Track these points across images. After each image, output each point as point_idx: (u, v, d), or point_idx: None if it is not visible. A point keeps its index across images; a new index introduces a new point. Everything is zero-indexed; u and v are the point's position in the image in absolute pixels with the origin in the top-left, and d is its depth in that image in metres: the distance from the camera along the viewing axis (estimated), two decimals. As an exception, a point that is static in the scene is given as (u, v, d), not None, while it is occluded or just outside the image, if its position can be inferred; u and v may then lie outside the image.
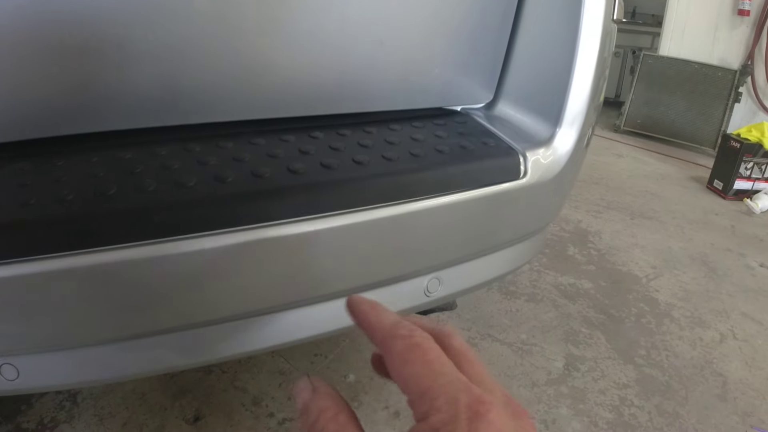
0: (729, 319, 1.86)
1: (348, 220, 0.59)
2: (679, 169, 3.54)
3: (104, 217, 0.54)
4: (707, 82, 3.93)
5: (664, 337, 1.73)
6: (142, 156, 0.62)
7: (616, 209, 2.74)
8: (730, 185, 2.99)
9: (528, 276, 2.02)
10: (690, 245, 2.40)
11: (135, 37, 0.61)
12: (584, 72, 0.77)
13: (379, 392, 1.39)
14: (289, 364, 1.46)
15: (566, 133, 0.78)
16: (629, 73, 4.43)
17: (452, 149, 0.70)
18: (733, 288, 2.07)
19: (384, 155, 0.66)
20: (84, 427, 1.22)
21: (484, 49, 0.82)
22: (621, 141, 4.09)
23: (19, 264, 0.52)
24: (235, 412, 1.29)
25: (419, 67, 0.78)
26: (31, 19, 0.56)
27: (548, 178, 0.77)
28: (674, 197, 2.98)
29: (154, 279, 0.56)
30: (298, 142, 0.67)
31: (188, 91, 0.66)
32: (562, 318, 1.78)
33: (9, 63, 0.57)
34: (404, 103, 0.81)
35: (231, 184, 0.57)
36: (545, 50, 0.81)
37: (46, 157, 0.62)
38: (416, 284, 0.74)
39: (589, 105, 0.80)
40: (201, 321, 0.62)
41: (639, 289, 2.00)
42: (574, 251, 2.25)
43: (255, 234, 0.56)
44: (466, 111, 0.88)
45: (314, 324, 0.71)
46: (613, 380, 1.52)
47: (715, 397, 1.48)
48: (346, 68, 0.73)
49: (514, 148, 0.74)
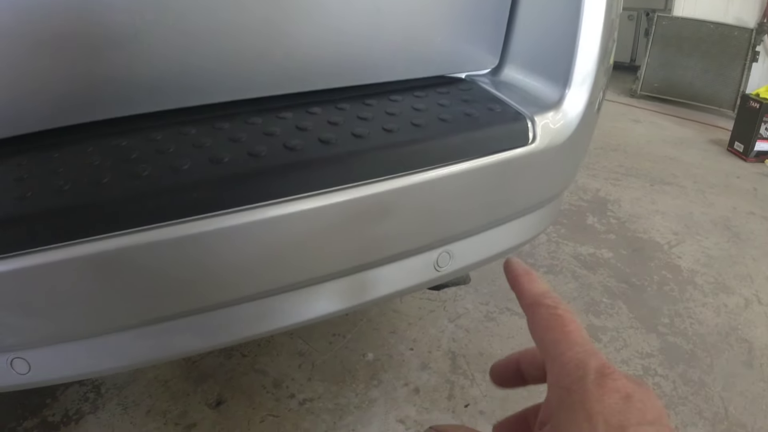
0: (753, 283, 1.82)
1: (348, 195, 0.57)
2: (698, 132, 3.46)
3: (101, 205, 0.53)
4: (723, 42, 3.82)
5: (687, 304, 1.70)
6: (137, 142, 0.61)
7: (635, 176, 2.68)
8: (750, 147, 2.91)
9: (546, 247, 1.99)
10: (712, 210, 2.34)
11: (124, 21, 0.59)
12: (591, 30, 0.73)
13: (399, 370, 1.38)
14: (308, 345, 1.46)
15: (576, 94, 0.75)
16: (644, 35, 4.30)
17: (456, 117, 0.67)
18: (757, 252, 2.01)
19: (384, 127, 0.64)
20: (109, 416, 1.24)
21: (486, 11, 0.79)
22: (638, 106, 4.00)
23: (19, 257, 0.51)
24: (257, 395, 1.30)
25: (418, 33, 0.75)
26: (17, 11, 0.55)
27: (559, 143, 0.74)
28: (694, 161, 2.91)
29: (157, 264, 0.55)
30: (295, 119, 0.65)
31: (181, 72, 0.64)
32: (582, 289, 1.75)
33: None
34: (405, 72, 0.78)
35: (227, 165, 0.56)
36: (550, 9, 0.77)
37: (42, 150, 0.61)
38: (425, 259, 0.72)
39: (599, 65, 0.76)
40: (209, 305, 0.61)
41: (661, 257, 1.96)
42: (593, 220, 2.21)
43: (254, 214, 0.55)
44: (471, 78, 0.85)
45: (326, 303, 0.70)
46: (636, 350, 1.49)
47: (741, 364, 1.45)
48: (342, 39, 0.70)
49: (521, 112, 0.71)
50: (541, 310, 0.35)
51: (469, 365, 1.41)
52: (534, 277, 0.38)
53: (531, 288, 0.37)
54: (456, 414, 1.26)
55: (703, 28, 3.88)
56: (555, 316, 0.34)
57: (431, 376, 1.37)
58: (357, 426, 1.23)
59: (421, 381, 1.35)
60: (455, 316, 1.60)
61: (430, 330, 1.53)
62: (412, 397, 1.31)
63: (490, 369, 0.42)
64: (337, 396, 1.30)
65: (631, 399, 0.28)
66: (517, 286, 0.38)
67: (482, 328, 1.55)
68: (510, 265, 0.40)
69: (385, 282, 0.71)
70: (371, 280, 0.70)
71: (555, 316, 0.34)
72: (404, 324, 1.55)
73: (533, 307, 0.35)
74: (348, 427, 1.22)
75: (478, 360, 1.43)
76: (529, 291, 0.37)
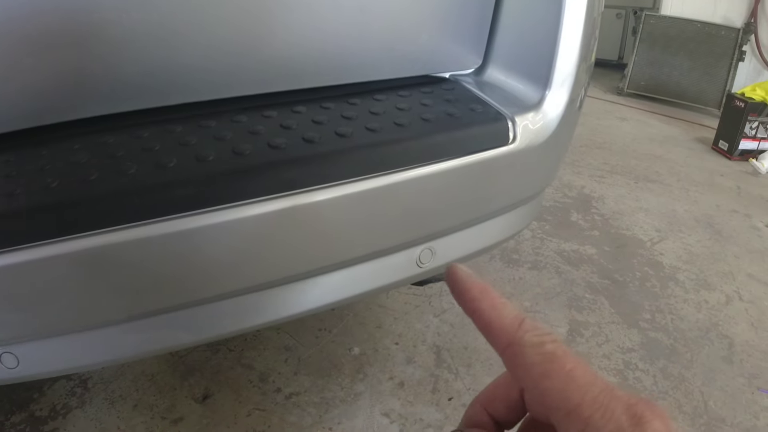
0: (735, 280, 1.85)
1: (331, 194, 0.59)
2: (683, 130, 3.50)
3: (89, 203, 0.54)
4: (710, 42, 3.85)
5: (668, 300, 1.73)
6: (123, 140, 0.62)
7: (620, 173, 2.71)
8: (735, 145, 2.95)
9: (531, 243, 2.01)
10: (695, 207, 2.38)
11: (110, 19, 0.60)
12: (572, 30, 0.75)
13: (384, 364, 1.40)
14: (295, 340, 1.47)
15: (556, 95, 0.77)
16: (631, 34, 4.33)
17: (438, 117, 0.69)
18: (739, 249, 2.05)
19: (368, 126, 0.65)
20: (96, 411, 1.25)
21: (470, 11, 0.81)
22: (624, 104, 4.04)
23: (8, 254, 0.52)
24: (243, 389, 1.31)
25: (403, 32, 0.77)
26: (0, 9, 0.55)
27: (539, 143, 0.75)
28: (679, 159, 2.95)
29: (143, 260, 0.56)
30: (280, 118, 0.66)
31: (167, 70, 0.65)
32: (565, 284, 1.78)
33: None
34: (390, 72, 0.80)
35: (212, 163, 0.57)
36: (532, 10, 0.79)
37: (30, 148, 0.62)
38: (408, 255, 0.74)
39: (579, 66, 0.78)
40: (195, 300, 0.62)
41: (643, 253, 1.99)
42: (577, 217, 2.24)
43: (240, 212, 0.56)
44: (454, 78, 0.86)
45: (310, 299, 0.71)
46: (617, 345, 1.52)
47: (721, 360, 1.48)
48: (327, 38, 0.71)
49: (502, 113, 0.73)
50: (526, 353, 0.27)
51: (453, 359, 1.43)
52: (496, 298, 0.29)
53: (500, 319, 0.29)
54: (440, 407, 1.28)
55: (691, 27, 3.92)
56: (547, 356, 0.27)
57: (416, 370, 1.39)
58: (342, 419, 1.24)
59: (406, 375, 1.37)
60: (440, 311, 1.62)
61: (415, 325, 1.55)
62: (396, 390, 1.32)
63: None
64: (323, 390, 1.32)
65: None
66: (478, 318, 0.29)
67: (467, 323, 1.57)
68: (458, 281, 0.31)
69: (368, 278, 0.73)
70: (354, 276, 0.71)
71: (547, 355, 0.27)
72: (390, 319, 1.57)
73: (513, 349, 0.28)
74: (333, 421, 1.24)
75: (463, 354, 1.45)
76: (498, 325, 0.28)
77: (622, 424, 0.24)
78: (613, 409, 0.24)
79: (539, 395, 0.27)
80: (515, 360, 0.28)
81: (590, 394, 0.25)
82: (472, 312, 0.30)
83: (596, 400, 0.25)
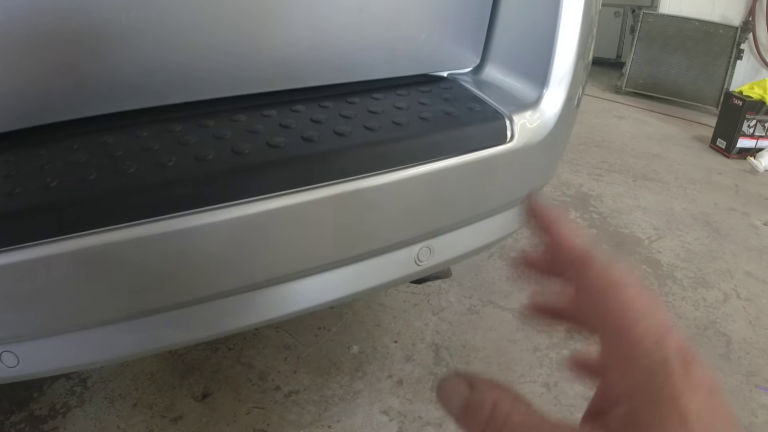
0: (733, 278, 1.86)
1: (329, 192, 0.59)
2: (681, 129, 3.50)
3: (88, 202, 0.54)
4: (708, 40, 3.86)
5: (666, 298, 1.73)
6: (122, 139, 0.62)
7: (618, 172, 2.71)
8: (733, 144, 2.95)
9: (529, 241, 2.02)
10: (693, 205, 2.39)
11: (110, 18, 0.60)
12: (570, 30, 0.75)
13: (383, 362, 1.40)
14: (294, 338, 1.47)
15: (554, 94, 0.77)
16: (630, 32, 4.34)
17: (436, 116, 0.69)
18: (737, 247, 2.06)
19: (366, 125, 0.65)
20: (95, 410, 1.25)
21: (468, 10, 0.81)
22: (623, 102, 4.04)
23: (7, 253, 0.52)
24: (243, 388, 1.31)
25: (400, 32, 0.77)
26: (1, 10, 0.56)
27: (537, 141, 0.76)
28: (677, 158, 2.95)
29: (143, 259, 0.56)
30: (279, 117, 0.67)
31: (167, 70, 0.65)
32: (564, 283, 1.78)
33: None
34: (388, 71, 0.80)
35: (211, 162, 0.57)
36: (529, 9, 0.79)
37: (29, 147, 0.62)
38: (406, 253, 0.74)
39: (577, 64, 0.78)
40: (195, 298, 0.63)
41: (641, 251, 2.00)
42: (575, 215, 2.24)
43: (239, 210, 0.56)
44: (452, 76, 0.86)
45: (309, 297, 0.72)
46: (615, 342, 1.52)
47: (719, 357, 1.49)
48: (325, 38, 0.71)
49: (500, 112, 0.73)
50: (592, 270, 0.28)
51: (452, 357, 1.44)
52: (572, 222, 0.30)
53: (573, 237, 0.30)
54: (438, 405, 1.29)
55: (689, 25, 3.92)
56: (611, 277, 0.27)
57: (415, 368, 1.39)
58: (342, 417, 1.25)
59: (404, 373, 1.37)
60: (439, 309, 1.62)
61: (414, 323, 1.56)
62: (395, 388, 1.33)
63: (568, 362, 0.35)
64: (322, 388, 1.32)
65: (714, 394, 0.24)
66: (553, 232, 0.31)
67: (465, 321, 1.57)
68: (535, 206, 0.32)
69: (366, 276, 0.73)
70: (353, 274, 0.72)
71: (611, 276, 0.27)
72: (389, 317, 1.57)
73: (581, 263, 0.29)
74: (333, 419, 1.24)
75: (461, 352, 1.45)
76: (571, 242, 0.30)
77: (670, 358, 0.24)
78: (666, 342, 0.25)
79: (595, 311, 0.27)
80: (580, 273, 0.29)
81: (646, 322, 0.25)
82: (547, 226, 0.32)
83: (650, 329, 0.25)
